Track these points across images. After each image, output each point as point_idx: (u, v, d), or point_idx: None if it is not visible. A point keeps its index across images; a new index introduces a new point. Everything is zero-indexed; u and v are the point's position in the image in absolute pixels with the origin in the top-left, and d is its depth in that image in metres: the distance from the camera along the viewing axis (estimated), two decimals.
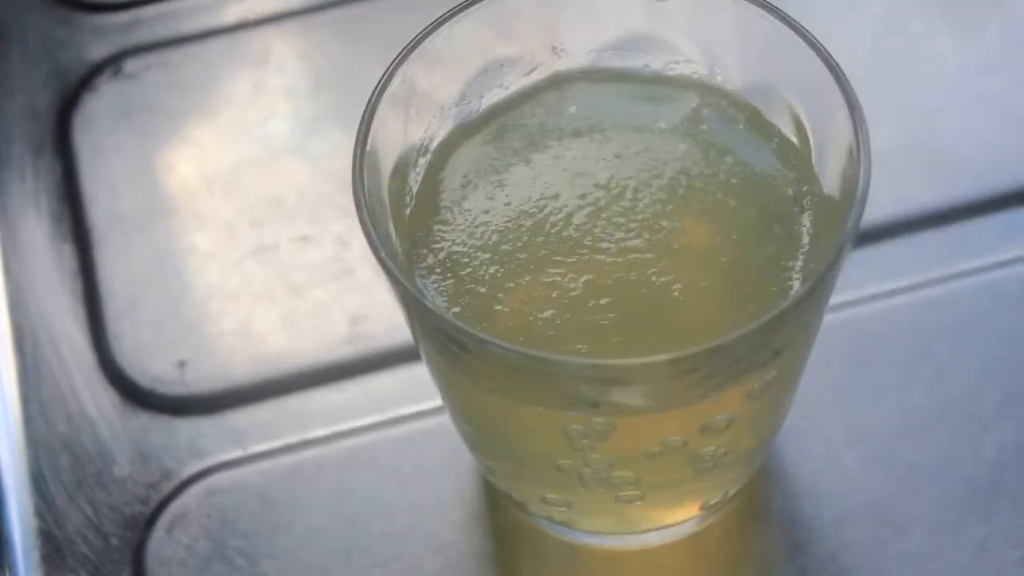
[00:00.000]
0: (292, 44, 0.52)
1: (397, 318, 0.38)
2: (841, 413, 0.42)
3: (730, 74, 0.37)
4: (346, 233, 0.47)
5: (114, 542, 0.42)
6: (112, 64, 0.52)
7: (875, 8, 0.51)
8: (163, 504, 0.42)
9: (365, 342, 0.45)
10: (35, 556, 0.41)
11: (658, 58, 0.38)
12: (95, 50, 0.52)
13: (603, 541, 0.40)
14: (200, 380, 0.44)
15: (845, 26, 0.50)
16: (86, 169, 0.49)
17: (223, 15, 0.53)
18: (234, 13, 0.53)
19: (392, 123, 0.35)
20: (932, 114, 0.48)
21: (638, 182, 0.36)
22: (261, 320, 0.45)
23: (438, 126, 0.37)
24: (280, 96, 0.51)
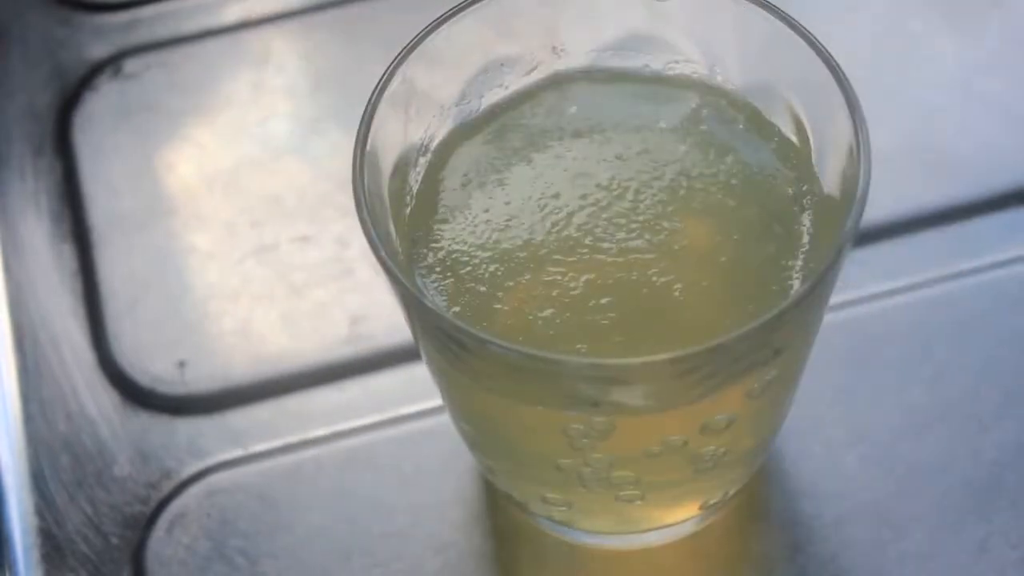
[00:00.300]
0: (292, 44, 0.52)
1: (397, 318, 0.38)
2: (841, 413, 0.42)
3: (730, 74, 0.37)
4: (346, 233, 0.47)
5: (114, 541, 0.42)
6: (112, 64, 0.52)
7: (875, 8, 0.51)
8: (163, 504, 0.42)
9: (365, 342, 0.45)
10: (35, 555, 0.41)
11: (658, 58, 0.38)
12: (95, 50, 0.52)
13: (603, 541, 0.40)
14: (200, 380, 0.44)
15: (845, 26, 0.50)
16: (86, 169, 0.49)
17: (223, 15, 0.53)
18: (234, 13, 0.53)
19: (392, 123, 0.35)
20: (932, 114, 0.48)
21: (638, 182, 0.36)
22: (261, 320, 0.45)
23: (438, 126, 0.37)
24: (280, 96, 0.51)
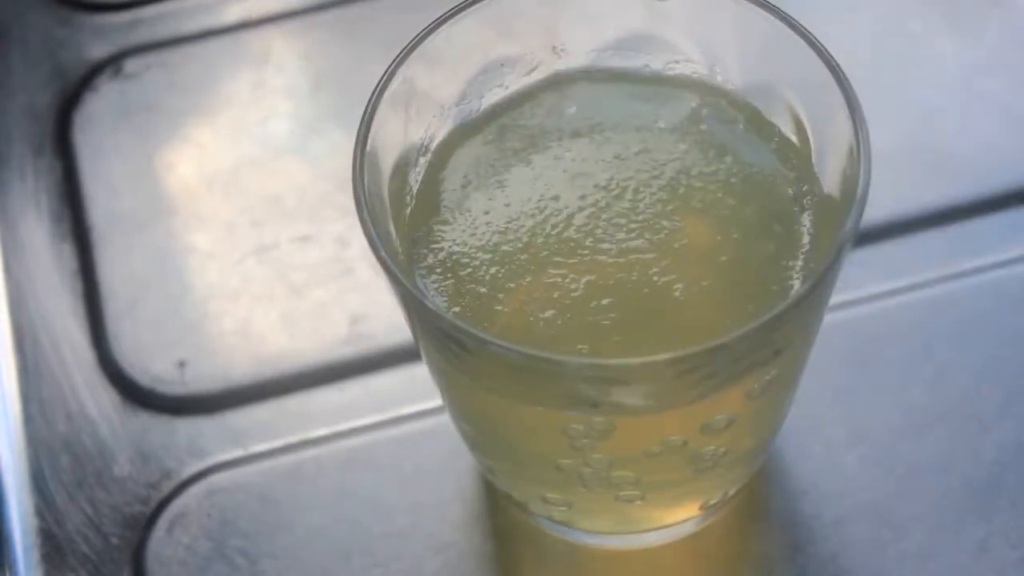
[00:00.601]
0: (292, 44, 0.52)
1: (397, 318, 0.38)
2: (841, 413, 0.42)
3: (730, 74, 0.37)
4: (346, 233, 0.47)
5: (114, 542, 0.42)
6: (112, 64, 0.52)
7: (875, 8, 0.51)
8: (163, 504, 0.42)
9: (365, 342, 0.45)
10: (35, 555, 0.41)
11: (658, 58, 0.38)
12: (95, 50, 0.52)
13: (603, 541, 0.40)
14: (200, 380, 0.44)
15: (845, 26, 0.50)
16: (86, 169, 0.49)
17: (223, 15, 0.53)
18: (234, 13, 0.53)
19: (392, 123, 0.35)
20: (932, 114, 0.48)
21: (638, 182, 0.36)
22: (261, 320, 0.45)
23: (438, 126, 0.37)
24: (280, 96, 0.51)
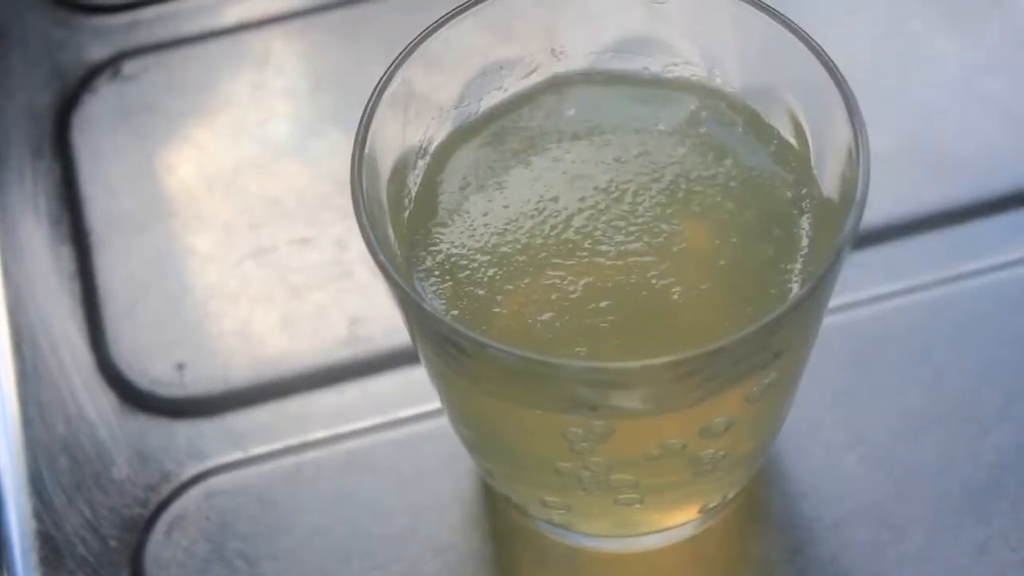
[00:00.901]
0: (292, 45, 0.52)
1: (396, 320, 0.38)
2: (840, 415, 0.42)
3: (729, 76, 0.37)
4: (345, 235, 0.47)
5: (113, 544, 0.42)
6: (111, 65, 0.52)
7: (875, 9, 0.51)
8: (162, 506, 0.42)
9: (364, 344, 0.45)
10: (34, 558, 0.41)
11: (657, 60, 0.38)
12: (94, 51, 0.52)
13: (602, 544, 0.40)
14: (199, 382, 0.44)
15: (844, 28, 0.50)
16: (85, 170, 0.49)
17: (223, 16, 0.53)
18: (234, 14, 0.53)
19: (391, 125, 0.35)
20: (932, 114, 0.48)
21: (637, 185, 0.36)
22: (260, 322, 0.45)
23: (437, 128, 0.37)
24: (280, 97, 0.51)
